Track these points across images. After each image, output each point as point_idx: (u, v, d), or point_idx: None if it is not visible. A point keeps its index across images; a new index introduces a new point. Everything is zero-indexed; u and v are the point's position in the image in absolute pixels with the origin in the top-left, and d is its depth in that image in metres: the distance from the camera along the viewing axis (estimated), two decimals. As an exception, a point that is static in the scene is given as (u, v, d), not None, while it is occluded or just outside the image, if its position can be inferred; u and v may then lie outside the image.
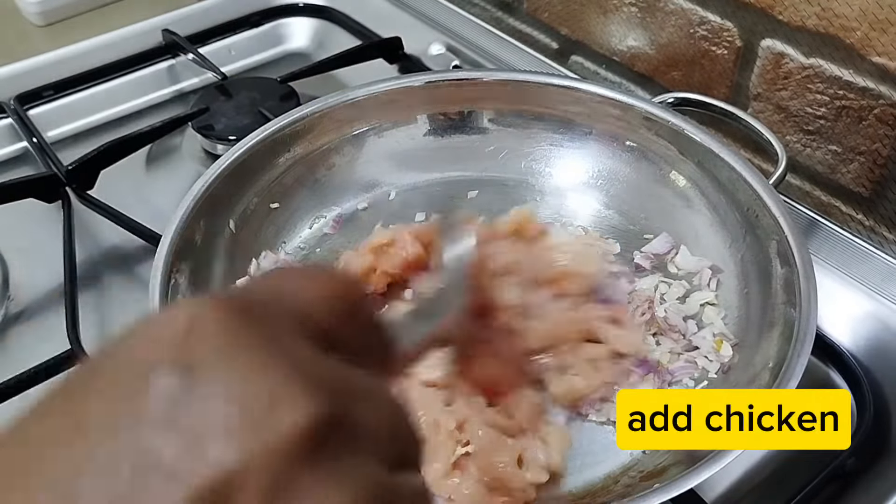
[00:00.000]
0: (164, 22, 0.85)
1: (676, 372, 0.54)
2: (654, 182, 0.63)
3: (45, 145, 0.73)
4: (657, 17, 0.73)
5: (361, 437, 0.22)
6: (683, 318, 0.56)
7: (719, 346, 0.54)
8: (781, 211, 0.54)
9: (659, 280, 0.59)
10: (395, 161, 0.67)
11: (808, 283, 0.50)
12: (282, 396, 0.21)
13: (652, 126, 0.62)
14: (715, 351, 0.54)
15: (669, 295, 0.58)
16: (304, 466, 0.21)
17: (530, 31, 0.87)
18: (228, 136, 0.72)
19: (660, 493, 0.42)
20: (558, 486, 0.47)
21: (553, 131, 0.66)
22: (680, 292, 0.58)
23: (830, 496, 0.50)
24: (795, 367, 0.45)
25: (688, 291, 0.58)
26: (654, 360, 0.54)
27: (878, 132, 0.62)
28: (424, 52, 0.83)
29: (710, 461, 0.43)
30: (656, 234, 0.62)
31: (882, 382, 0.55)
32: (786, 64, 0.65)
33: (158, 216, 0.63)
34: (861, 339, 0.57)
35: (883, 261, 0.60)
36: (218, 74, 0.79)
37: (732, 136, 0.69)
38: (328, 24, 0.89)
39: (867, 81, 0.60)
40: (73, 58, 0.81)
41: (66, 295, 0.59)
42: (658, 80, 0.76)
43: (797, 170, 0.68)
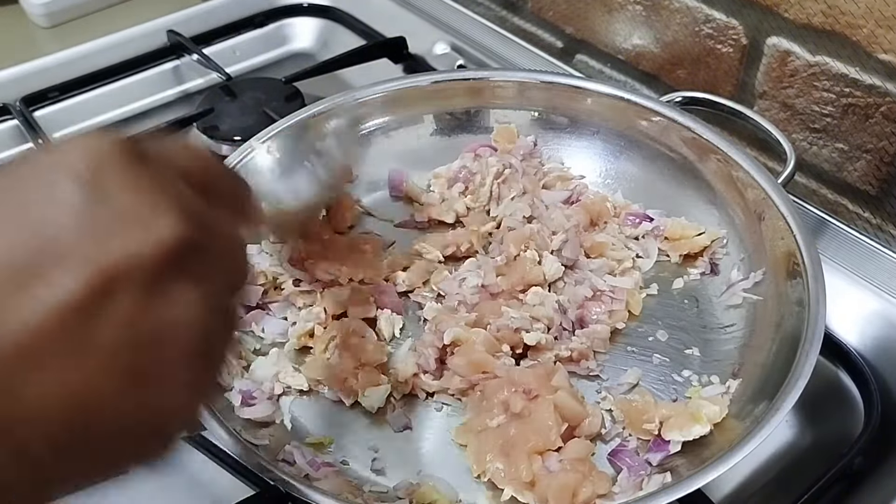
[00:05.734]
0: (169, 23, 0.85)
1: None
2: (662, 181, 0.63)
3: (50, 147, 0.73)
4: (662, 16, 0.73)
5: (214, 261, 0.29)
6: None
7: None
8: (790, 210, 0.54)
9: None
10: (403, 160, 0.67)
11: (816, 283, 0.50)
12: (164, 213, 0.27)
13: (659, 125, 0.62)
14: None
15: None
16: (172, 272, 0.27)
17: (535, 30, 0.87)
18: (233, 136, 0.72)
19: (667, 493, 0.42)
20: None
21: (560, 130, 0.66)
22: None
23: (838, 495, 0.50)
24: (804, 367, 0.45)
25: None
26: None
27: (884, 130, 0.61)
28: (429, 51, 0.83)
29: (718, 461, 0.43)
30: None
31: (890, 381, 0.55)
32: (792, 62, 0.65)
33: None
34: (868, 338, 0.57)
35: (890, 259, 0.60)
36: (222, 75, 0.79)
37: (738, 134, 0.69)
38: (332, 24, 0.89)
39: (874, 79, 0.60)
40: (79, 59, 0.81)
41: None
42: (663, 79, 0.76)
43: (804, 168, 0.68)
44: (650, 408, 0.50)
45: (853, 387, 0.55)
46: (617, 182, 0.65)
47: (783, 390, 0.45)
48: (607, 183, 0.65)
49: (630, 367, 0.54)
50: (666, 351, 0.55)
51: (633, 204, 0.63)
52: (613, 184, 0.65)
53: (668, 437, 0.48)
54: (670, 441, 0.48)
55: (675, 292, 0.59)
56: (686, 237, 0.60)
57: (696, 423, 0.48)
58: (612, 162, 0.65)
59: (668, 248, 0.60)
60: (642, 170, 0.64)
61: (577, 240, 0.59)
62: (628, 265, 0.59)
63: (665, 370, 0.54)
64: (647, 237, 0.61)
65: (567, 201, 0.63)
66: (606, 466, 0.49)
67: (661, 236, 0.61)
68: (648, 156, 0.64)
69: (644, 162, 0.64)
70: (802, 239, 0.52)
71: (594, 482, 0.46)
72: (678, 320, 0.57)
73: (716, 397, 0.50)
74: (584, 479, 0.46)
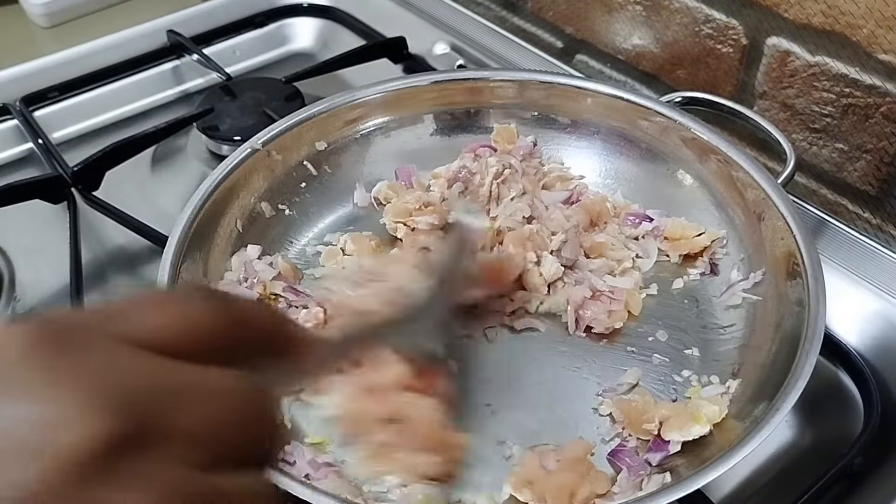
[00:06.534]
0: (169, 23, 0.85)
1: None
2: (662, 181, 0.63)
3: (50, 146, 0.73)
4: (662, 16, 0.73)
5: (168, 440, 0.22)
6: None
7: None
8: (790, 210, 0.54)
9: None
10: (403, 160, 0.67)
11: (816, 283, 0.50)
12: (66, 416, 0.21)
13: (659, 125, 0.62)
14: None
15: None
16: (93, 481, 0.21)
17: (535, 29, 0.87)
18: (233, 136, 0.72)
19: (667, 493, 0.42)
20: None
21: (560, 130, 0.66)
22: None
23: (838, 495, 0.50)
24: (804, 368, 0.45)
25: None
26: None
27: (884, 130, 0.61)
28: (429, 51, 0.83)
29: (718, 461, 0.43)
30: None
31: (890, 381, 0.55)
32: (791, 62, 0.65)
33: (164, 217, 0.63)
34: (868, 338, 0.57)
35: (890, 259, 0.60)
36: (222, 75, 0.79)
37: (737, 134, 0.69)
38: (332, 24, 0.89)
39: (874, 79, 0.60)
40: (79, 59, 0.81)
41: (72, 296, 0.59)
42: (663, 79, 0.76)
43: (803, 168, 0.68)
44: (650, 408, 0.50)
45: (853, 387, 0.55)
46: (617, 182, 0.65)
47: (783, 390, 0.45)
48: (607, 183, 0.65)
49: (630, 368, 0.54)
50: (665, 351, 0.55)
51: (633, 204, 0.63)
52: (613, 184, 0.65)
53: (667, 437, 0.48)
54: (670, 441, 0.48)
55: (674, 292, 0.59)
56: (686, 237, 0.60)
57: (695, 424, 0.48)
58: (612, 162, 0.65)
59: (667, 249, 0.60)
60: (642, 170, 0.64)
61: (576, 240, 0.59)
62: (628, 265, 0.59)
63: (665, 370, 0.54)
64: (646, 237, 0.61)
65: (567, 201, 0.63)
66: (606, 466, 0.49)
67: (661, 236, 0.61)
68: (648, 156, 0.64)
69: (644, 162, 0.64)
70: (802, 239, 0.52)
71: (592, 482, 0.46)
72: (678, 320, 0.57)
73: (715, 397, 0.50)
74: (583, 479, 0.46)
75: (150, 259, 0.64)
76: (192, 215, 0.55)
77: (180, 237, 0.54)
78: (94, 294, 0.62)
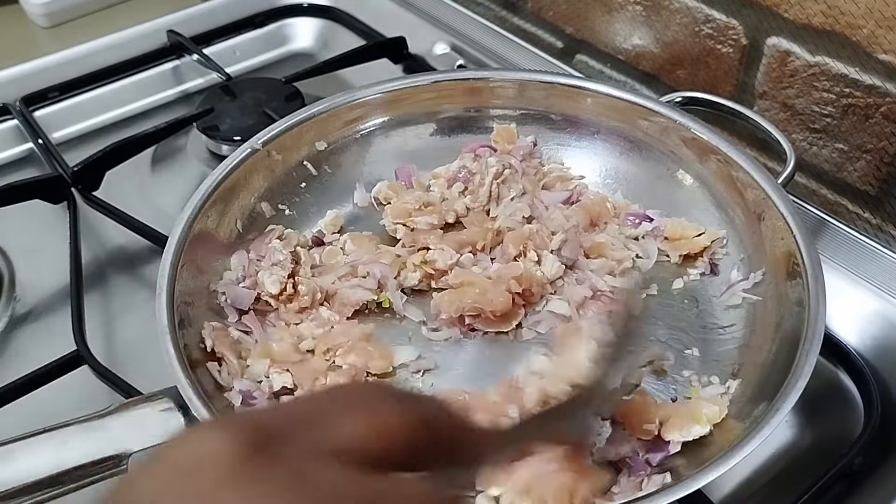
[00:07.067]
0: (169, 23, 0.85)
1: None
2: (662, 181, 0.63)
3: (50, 146, 0.73)
4: (662, 16, 0.73)
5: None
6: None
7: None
8: (790, 210, 0.54)
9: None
10: (403, 160, 0.67)
11: (816, 283, 0.50)
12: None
13: (659, 125, 0.62)
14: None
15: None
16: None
17: (535, 30, 0.87)
18: (233, 136, 0.72)
19: (667, 494, 0.42)
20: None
21: (560, 130, 0.66)
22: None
23: (838, 495, 0.50)
24: (804, 368, 0.45)
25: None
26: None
27: (884, 130, 0.61)
28: (429, 51, 0.83)
29: (718, 461, 0.43)
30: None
31: (890, 381, 0.55)
32: (791, 62, 0.65)
33: (164, 217, 0.63)
34: (868, 338, 0.57)
35: (890, 259, 0.60)
36: (222, 75, 0.79)
37: (737, 134, 0.69)
38: (332, 24, 0.89)
39: (874, 79, 0.60)
40: (79, 59, 0.81)
41: (73, 296, 0.59)
42: (663, 79, 0.76)
43: (803, 168, 0.68)
44: (650, 408, 0.50)
45: (853, 387, 0.55)
46: (617, 182, 0.65)
47: (783, 390, 0.45)
48: (607, 183, 0.65)
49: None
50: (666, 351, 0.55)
51: (633, 204, 0.63)
52: (613, 184, 0.65)
53: (667, 437, 0.48)
54: (670, 441, 0.48)
55: (674, 292, 0.59)
56: (686, 237, 0.60)
57: (695, 424, 0.48)
58: (612, 162, 0.65)
59: (667, 249, 0.60)
60: (642, 170, 0.64)
61: (576, 240, 0.59)
62: (628, 265, 0.59)
63: (665, 370, 0.54)
64: (646, 237, 0.61)
65: (567, 201, 0.63)
66: (606, 466, 0.49)
67: (661, 236, 0.61)
68: (648, 156, 0.64)
69: (644, 162, 0.64)
70: (802, 239, 0.52)
71: (591, 480, 0.46)
72: (678, 320, 0.57)
73: (715, 397, 0.50)
74: (583, 479, 0.46)
75: (150, 259, 0.64)
76: (192, 215, 0.55)
77: (180, 237, 0.54)
78: (94, 295, 0.62)
